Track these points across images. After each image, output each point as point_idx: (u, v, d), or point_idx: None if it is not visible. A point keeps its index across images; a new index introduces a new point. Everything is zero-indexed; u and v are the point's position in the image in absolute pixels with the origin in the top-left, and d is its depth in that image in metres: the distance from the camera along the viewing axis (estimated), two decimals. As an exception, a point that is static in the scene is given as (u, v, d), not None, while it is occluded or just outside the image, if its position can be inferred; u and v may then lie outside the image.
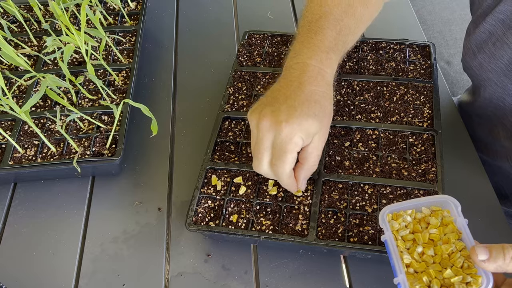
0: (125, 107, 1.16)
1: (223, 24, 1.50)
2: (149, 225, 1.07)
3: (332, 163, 1.05)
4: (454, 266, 0.76)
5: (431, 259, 0.78)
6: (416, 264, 0.78)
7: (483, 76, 1.08)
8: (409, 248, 0.80)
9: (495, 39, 1.01)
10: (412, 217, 0.83)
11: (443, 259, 0.77)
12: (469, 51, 1.09)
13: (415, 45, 1.27)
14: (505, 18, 0.98)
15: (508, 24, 0.98)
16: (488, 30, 1.02)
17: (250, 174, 1.04)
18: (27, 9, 1.44)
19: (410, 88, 1.16)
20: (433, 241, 0.80)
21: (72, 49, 1.12)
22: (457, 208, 0.81)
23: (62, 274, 1.01)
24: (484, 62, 1.05)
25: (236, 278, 0.98)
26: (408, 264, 0.79)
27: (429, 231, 0.80)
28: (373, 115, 1.12)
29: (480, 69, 1.07)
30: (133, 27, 1.38)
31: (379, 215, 0.85)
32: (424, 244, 0.80)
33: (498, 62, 1.02)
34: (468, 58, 1.10)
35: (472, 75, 1.13)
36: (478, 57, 1.06)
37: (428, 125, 1.09)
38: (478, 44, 1.05)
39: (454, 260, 0.76)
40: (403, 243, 0.81)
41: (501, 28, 1.00)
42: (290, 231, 0.96)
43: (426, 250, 0.79)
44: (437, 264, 0.77)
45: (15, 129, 1.15)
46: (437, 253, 0.78)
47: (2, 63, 1.31)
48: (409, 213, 0.83)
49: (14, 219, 1.10)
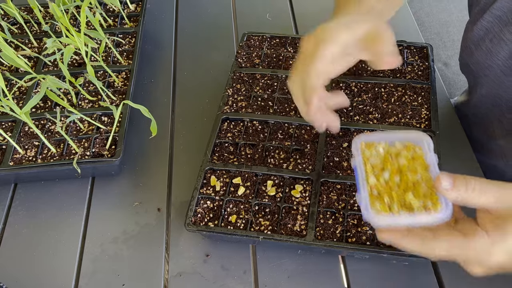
0: (125, 108, 1.16)
1: (222, 26, 1.50)
2: (148, 226, 1.07)
3: (330, 164, 1.05)
4: (417, 192, 0.76)
5: (395, 185, 0.78)
6: (381, 187, 0.78)
7: (480, 73, 1.08)
8: (377, 174, 0.80)
9: (492, 36, 1.02)
10: (384, 150, 0.83)
11: (408, 186, 0.77)
12: (467, 48, 1.09)
13: (413, 47, 1.27)
14: (502, 14, 0.99)
15: (505, 20, 0.98)
16: (485, 27, 1.03)
17: (249, 175, 1.05)
18: (28, 11, 1.44)
19: (407, 90, 1.16)
20: (401, 171, 0.80)
21: (72, 51, 1.12)
22: (429, 145, 0.81)
23: (62, 274, 1.01)
24: (481, 59, 1.06)
25: (235, 278, 0.98)
26: (373, 185, 0.78)
27: (398, 161, 0.80)
28: (371, 116, 1.12)
29: (477, 66, 1.08)
30: (133, 29, 1.38)
31: (352, 142, 0.84)
32: (391, 172, 0.80)
33: (495, 58, 1.02)
34: (465, 55, 1.11)
35: (469, 73, 1.13)
36: (476, 54, 1.07)
37: (425, 126, 1.09)
38: (476, 41, 1.06)
39: (417, 188, 0.77)
40: (371, 169, 0.81)
41: (498, 24, 1.00)
42: (288, 232, 0.96)
43: (392, 176, 0.79)
44: (401, 189, 0.77)
45: (16, 130, 1.15)
46: (403, 181, 0.78)
47: (3, 64, 1.31)
48: (382, 145, 0.83)
49: (15, 219, 1.10)
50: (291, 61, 1.26)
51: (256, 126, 1.13)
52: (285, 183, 1.03)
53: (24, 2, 1.38)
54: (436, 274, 0.97)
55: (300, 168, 1.05)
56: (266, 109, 1.16)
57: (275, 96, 1.18)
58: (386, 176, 0.80)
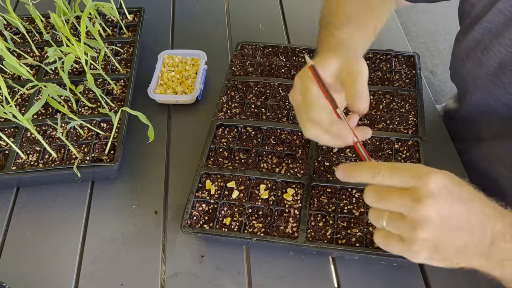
0: (123, 114, 1.16)
1: (217, 35, 1.50)
2: (146, 228, 1.07)
3: (321, 168, 1.05)
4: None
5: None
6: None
7: (470, 83, 1.09)
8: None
9: (482, 47, 1.02)
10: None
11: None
12: (458, 58, 1.10)
13: (400, 56, 1.27)
14: (492, 27, 0.99)
15: (495, 32, 0.99)
16: (476, 38, 1.03)
17: (243, 179, 1.05)
18: (29, 21, 1.44)
19: (395, 97, 1.17)
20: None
21: (72, 59, 1.12)
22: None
23: (63, 274, 1.01)
24: (472, 69, 1.06)
25: (229, 279, 0.98)
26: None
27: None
28: (361, 122, 1.13)
29: (468, 76, 1.08)
30: (131, 38, 1.38)
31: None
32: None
33: (485, 68, 1.03)
34: (456, 65, 1.11)
35: (460, 82, 1.13)
36: (466, 64, 1.07)
37: (413, 132, 1.10)
38: (467, 51, 1.06)
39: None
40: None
41: (489, 36, 1.01)
42: (281, 234, 0.96)
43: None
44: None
45: (18, 136, 1.15)
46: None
47: (6, 72, 1.31)
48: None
49: (17, 222, 1.10)
50: (283, 69, 1.26)
51: (250, 132, 1.14)
52: (278, 187, 1.03)
53: (26, 12, 1.38)
54: (423, 275, 0.97)
55: (292, 173, 1.05)
56: (259, 116, 1.16)
57: (268, 103, 1.18)
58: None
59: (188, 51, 1.37)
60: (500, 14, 0.97)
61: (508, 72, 0.99)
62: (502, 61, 1.00)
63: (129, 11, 1.46)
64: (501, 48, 0.99)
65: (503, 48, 0.98)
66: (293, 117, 1.15)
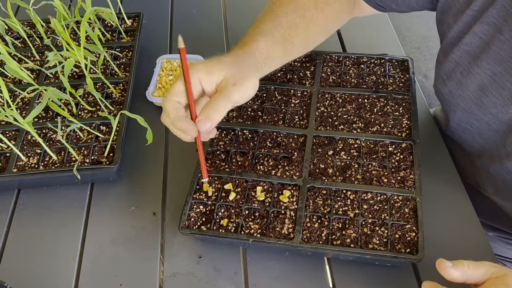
0: (122, 118, 1.16)
1: (214, 39, 1.50)
2: (144, 229, 1.07)
3: (316, 170, 1.05)
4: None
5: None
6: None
7: (452, 102, 1.08)
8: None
9: (462, 68, 1.02)
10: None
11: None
12: (440, 78, 1.10)
13: (394, 60, 1.27)
14: (470, 49, 0.99)
15: (473, 55, 0.99)
16: (455, 60, 1.03)
17: (240, 181, 1.05)
18: (30, 26, 1.44)
19: (389, 100, 1.17)
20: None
21: (72, 64, 1.12)
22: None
23: (63, 275, 1.01)
24: (453, 90, 1.06)
25: (226, 279, 0.98)
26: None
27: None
28: (355, 125, 1.13)
29: (450, 96, 1.08)
30: (130, 43, 1.38)
31: None
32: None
33: (466, 90, 1.03)
34: (439, 85, 1.11)
35: (443, 101, 1.13)
36: (448, 84, 1.07)
37: (406, 135, 1.10)
38: (447, 72, 1.06)
39: None
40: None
41: (467, 58, 1.00)
42: (277, 235, 0.96)
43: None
44: None
45: (19, 139, 1.15)
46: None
47: (7, 76, 1.31)
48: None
49: (18, 223, 1.10)
50: (279, 74, 1.26)
51: (247, 135, 1.14)
52: (274, 189, 1.03)
53: (27, 17, 1.38)
54: (416, 275, 0.97)
55: (288, 175, 1.05)
56: (256, 119, 1.16)
57: (264, 107, 1.18)
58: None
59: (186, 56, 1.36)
60: (476, 37, 0.97)
61: (488, 93, 0.99)
62: (481, 83, 0.99)
63: (128, 16, 1.46)
64: (479, 70, 0.99)
65: (482, 71, 0.98)
66: (289, 120, 1.15)
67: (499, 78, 0.96)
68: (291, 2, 1.09)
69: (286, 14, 1.07)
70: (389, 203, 0.99)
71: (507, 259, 1.32)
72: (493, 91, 0.98)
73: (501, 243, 1.30)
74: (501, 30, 0.93)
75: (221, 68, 0.93)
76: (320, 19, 1.11)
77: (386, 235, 0.94)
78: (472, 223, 1.04)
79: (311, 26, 1.10)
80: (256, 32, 1.04)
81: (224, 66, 0.93)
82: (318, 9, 1.10)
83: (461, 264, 0.82)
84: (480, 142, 1.11)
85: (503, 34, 0.93)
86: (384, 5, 1.15)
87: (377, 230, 0.95)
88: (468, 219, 1.05)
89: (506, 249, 1.31)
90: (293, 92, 1.21)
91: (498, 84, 0.97)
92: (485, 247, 1.01)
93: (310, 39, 1.13)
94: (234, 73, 0.93)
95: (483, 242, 1.01)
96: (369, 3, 1.16)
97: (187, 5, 1.64)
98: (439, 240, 0.99)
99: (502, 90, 0.96)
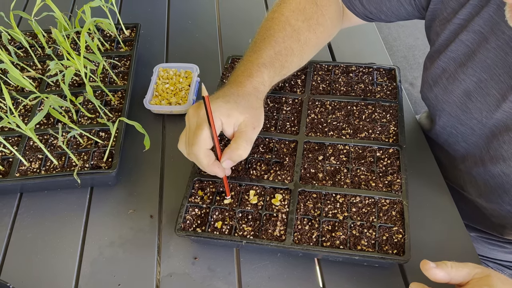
0: (121, 124, 1.16)
1: (208, 49, 1.50)
2: (142, 231, 1.07)
3: (307, 175, 1.06)
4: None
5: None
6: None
7: (438, 107, 1.09)
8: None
9: (448, 75, 1.03)
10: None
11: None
12: (426, 84, 1.11)
13: (382, 69, 1.28)
14: (456, 56, 1.00)
15: (459, 62, 1.00)
16: (442, 66, 1.03)
17: (233, 185, 1.05)
18: (32, 36, 1.44)
19: (377, 108, 1.17)
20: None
21: (72, 72, 1.12)
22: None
23: (64, 275, 1.01)
24: (439, 95, 1.07)
25: (220, 279, 0.99)
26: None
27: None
28: (344, 131, 1.13)
29: (436, 101, 1.09)
30: (128, 52, 1.38)
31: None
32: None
33: (451, 95, 1.03)
34: (425, 90, 1.12)
35: (429, 105, 1.14)
36: (434, 90, 1.07)
37: (393, 140, 1.10)
38: (434, 78, 1.07)
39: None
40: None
41: (453, 65, 1.01)
42: (269, 236, 0.96)
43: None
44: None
45: (21, 144, 1.15)
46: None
47: (10, 84, 1.31)
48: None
49: (20, 225, 1.10)
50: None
51: (240, 140, 1.14)
52: (266, 193, 1.03)
53: (29, 28, 1.38)
54: (403, 275, 0.98)
55: (280, 179, 1.05)
56: (249, 125, 1.16)
57: (257, 114, 1.18)
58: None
59: (182, 65, 1.37)
60: (462, 45, 0.98)
61: (474, 99, 1.00)
62: (467, 89, 1.00)
63: (126, 26, 1.46)
64: (465, 77, 0.99)
65: (467, 77, 0.99)
66: (280, 126, 1.15)
67: (485, 84, 0.97)
68: (287, 26, 1.10)
69: (284, 40, 1.09)
70: (377, 206, 0.99)
71: (490, 259, 1.33)
72: (478, 97, 0.99)
73: (483, 244, 1.31)
74: (487, 39, 0.93)
75: (240, 112, 0.96)
76: (313, 39, 1.13)
77: (374, 237, 0.95)
78: (456, 225, 1.05)
79: (305, 48, 1.12)
80: (259, 62, 1.06)
81: (242, 110, 0.97)
82: (311, 30, 1.12)
83: (445, 265, 0.83)
84: (464, 146, 1.11)
85: (489, 42, 0.93)
86: (374, 16, 1.16)
87: (366, 232, 0.96)
88: (453, 221, 1.05)
89: (488, 249, 1.31)
90: (285, 100, 1.21)
91: (483, 90, 0.97)
92: (469, 248, 1.01)
93: (303, 59, 1.15)
94: (252, 115, 0.98)
95: (467, 243, 1.02)
96: (359, 16, 1.17)
97: (182, 16, 1.64)
98: (425, 242, 1.00)
99: (487, 96, 0.97)
